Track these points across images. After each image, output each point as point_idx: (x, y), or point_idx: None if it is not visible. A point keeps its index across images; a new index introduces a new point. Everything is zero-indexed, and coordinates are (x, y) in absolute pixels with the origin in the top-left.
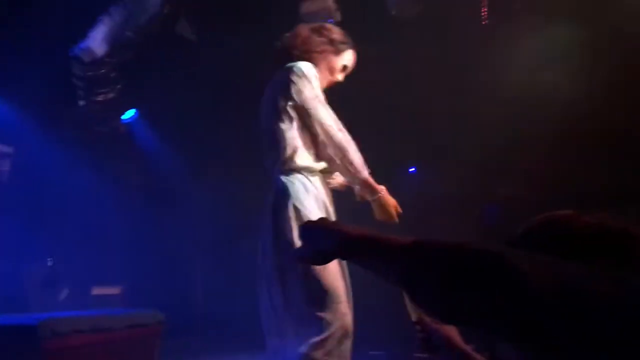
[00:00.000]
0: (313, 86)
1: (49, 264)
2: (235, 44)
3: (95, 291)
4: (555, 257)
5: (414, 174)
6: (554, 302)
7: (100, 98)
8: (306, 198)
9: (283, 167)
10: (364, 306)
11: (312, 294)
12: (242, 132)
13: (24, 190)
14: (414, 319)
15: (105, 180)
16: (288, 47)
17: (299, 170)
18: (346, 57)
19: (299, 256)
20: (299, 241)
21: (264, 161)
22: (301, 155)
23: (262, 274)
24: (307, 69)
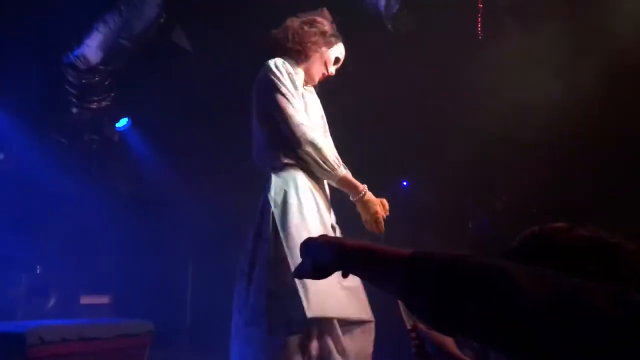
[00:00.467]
0: (282, 83)
1: (38, 272)
2: (230, 54)
3: (83, 300)
4: (549, 270)
5: (406, 187)
6: (549, 315)
7: (93, 106)
8: (292, 196)
9: (270, 166)
10: None
11: (267, 302)
12: (235, 142)
13: (14, 196)
14: (409, 326)
15: (95, 188)
16: (279, 40)
17: (283, 167)
18: (338, 50)
19: (299, 272)
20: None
21: (253, 161)
22: (282, 153)
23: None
24: (278, 65)
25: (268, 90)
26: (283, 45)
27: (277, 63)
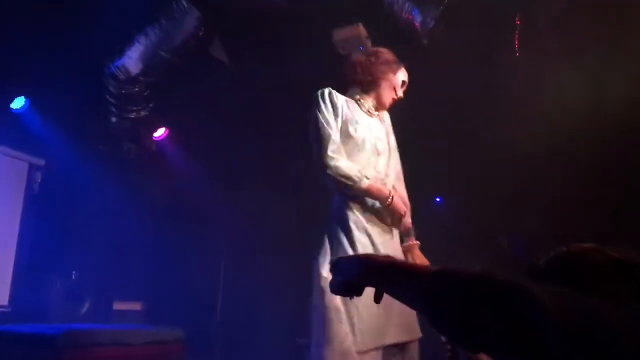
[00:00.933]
0: (321, 110)
1: (73, 277)
2: (267, 67)
3: (116, 306)
4: (576, 290)
5: (440, 204)
6: (575, 337)
7: (132, 115)
8: (344, 224)
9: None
10: None
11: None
12: (271, 154)
13: (53, 202)
14: (444, 339)
15: (132, 196)
16: (349, 75)
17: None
18: (402, 74)
19: (332, 289)
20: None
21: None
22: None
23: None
24: (319, 96)
25: (310, 121)
26: (353, 78)
27: (324, 93)
